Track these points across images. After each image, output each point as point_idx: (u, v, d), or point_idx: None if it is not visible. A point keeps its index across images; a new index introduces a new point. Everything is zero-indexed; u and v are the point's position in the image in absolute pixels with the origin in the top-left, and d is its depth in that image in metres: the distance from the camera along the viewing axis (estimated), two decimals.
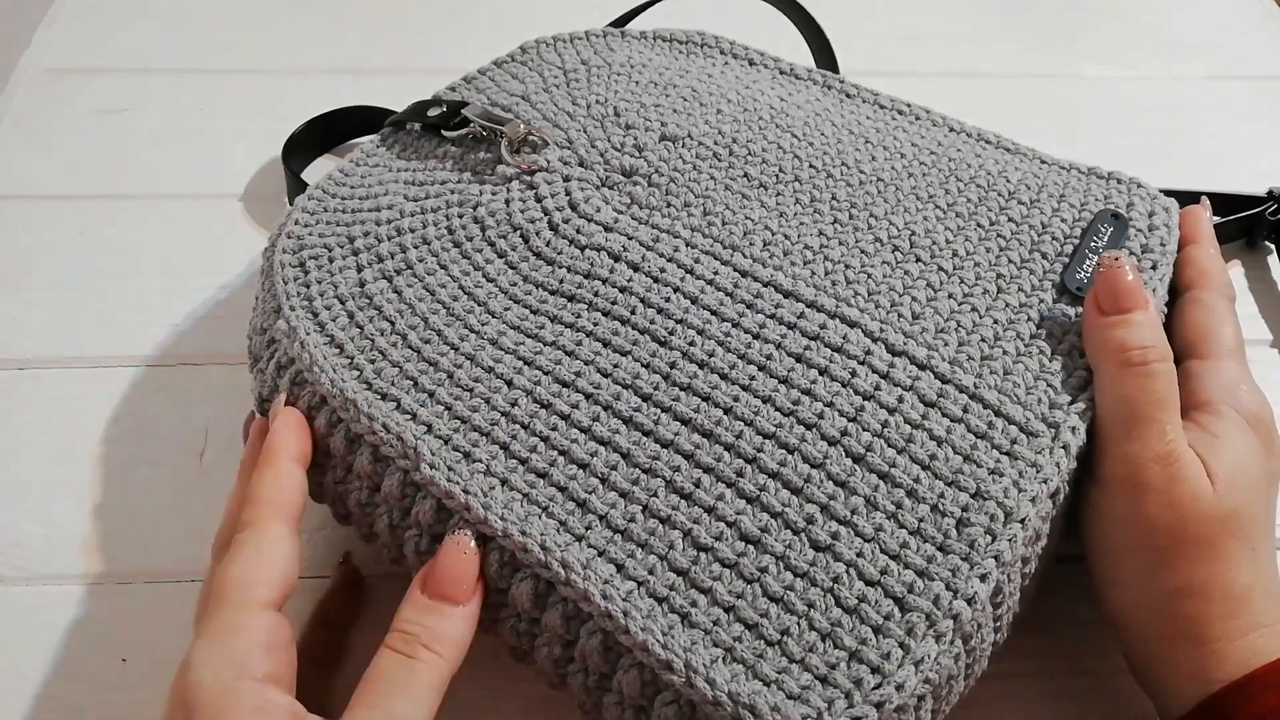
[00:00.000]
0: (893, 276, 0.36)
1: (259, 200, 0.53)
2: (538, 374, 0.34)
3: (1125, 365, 0.32)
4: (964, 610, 0.28)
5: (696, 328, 0.35)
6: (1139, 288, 0.34)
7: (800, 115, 0.43)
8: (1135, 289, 0.33)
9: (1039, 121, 0.58)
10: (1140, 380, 0.32)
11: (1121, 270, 0.34)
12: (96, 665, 0.36)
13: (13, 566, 0.39)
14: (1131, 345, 0.32)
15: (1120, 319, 0.33)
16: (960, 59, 0.63)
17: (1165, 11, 0.66)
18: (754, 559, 0.30)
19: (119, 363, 0.46)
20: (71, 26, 0.63)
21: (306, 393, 0.35)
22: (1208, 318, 0.36)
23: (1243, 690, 0.29)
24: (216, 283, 0.49)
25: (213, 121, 0.57)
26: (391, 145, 0.44)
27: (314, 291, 0.37)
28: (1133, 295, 0.33)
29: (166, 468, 0.42)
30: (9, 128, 0.56)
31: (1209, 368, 0.34)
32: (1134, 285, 0.34)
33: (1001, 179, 0.40)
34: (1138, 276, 0.34)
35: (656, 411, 0.33)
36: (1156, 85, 0.61)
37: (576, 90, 0.44)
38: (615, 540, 0.30)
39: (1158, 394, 0.32)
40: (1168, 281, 0.37)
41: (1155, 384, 0.32)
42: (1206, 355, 0.35)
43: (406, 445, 0.32)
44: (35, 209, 0.52)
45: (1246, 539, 0.31)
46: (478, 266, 0.37)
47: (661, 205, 0.39)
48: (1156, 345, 0.33)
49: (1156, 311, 0.34)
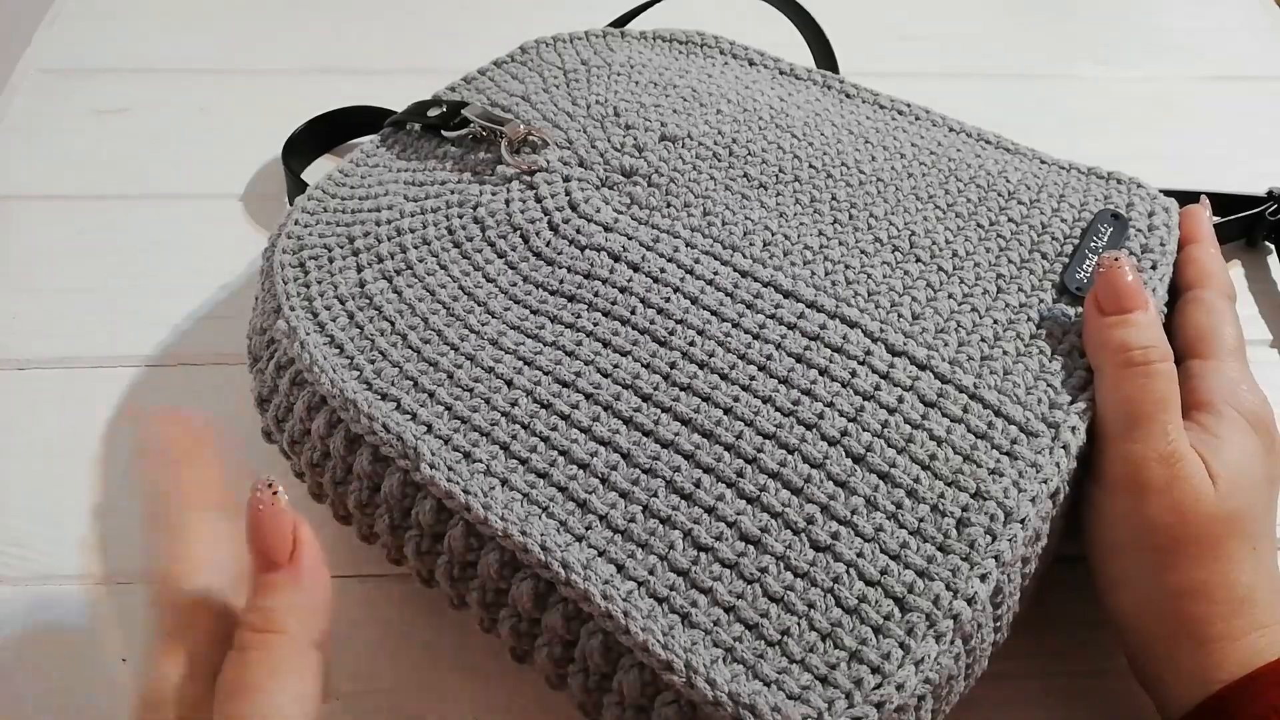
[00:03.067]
0: (893, 277, 0.36)
1: (259, 200, 0.53)
2: (538, 374, 0.34)
3: (1126, 365, 0.32)
4: (964, 610, 0.28)
5: (696, 328, 0.35)
6: (1139, 288, 0.34)
7: (800, 115, 0.43)
8: (1135, 289, 0.33)
9: (1039, 121, 0.58)
10: (1141, 380, 0.32)
11: (1121, 270, 0.34)
12: (96, 665, 0.36)
13: (13, 566, 0.39)
14: (1132, 345, 0.32)
15: (1121, 319, 0.33)
16: (960, 59, 0.63)
17: (1165, 11, 0.66)
18: (754, 559, 0.30)
19: (119, 363, 0.46)
20: (71, 26, 0.63)
21: (306, 393, 0.35)
22: (1208, 317, 0.36)
23: (1245, 690, 0.29)
24: (216, 283, 0.49)
25: (213, 121, 0.57)
26: (391, 145, 0.44)
27: (314, 292, 0.37)
28: (1133, 295, 0.33)
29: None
30: (9, 128, 0.56)
31: (1210, 368, 0.34)
32: (1134, 285, 0.34)
33: (1001, 179, 0.40)
34: (1138, 277, 0.34)
35: (656, 412, 0.33)
36: (1156, 85, 0.61)
37: (576, 90, 0.44)
38: (615, 540, 0.30)
39: (1159, 394, 0.32)
40: (1168, 281, 0.37)
41: (1156, 384, 0.32)
42: (1207, 355, 0.35)
43: (406, 445, 0.32)
44: (35, 209, 0.52)
45: (1248, 539, 0.31)
46: (478, 267, 0.37)
47: (661, 205, 0.39)
48: (1157, 345, 0.33)
49: (1156, 312, 0.34)
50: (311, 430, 0.35)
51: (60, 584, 0.39)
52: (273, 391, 0.36)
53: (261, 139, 0.55)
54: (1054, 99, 0.60)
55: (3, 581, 0.39)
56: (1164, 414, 0.32)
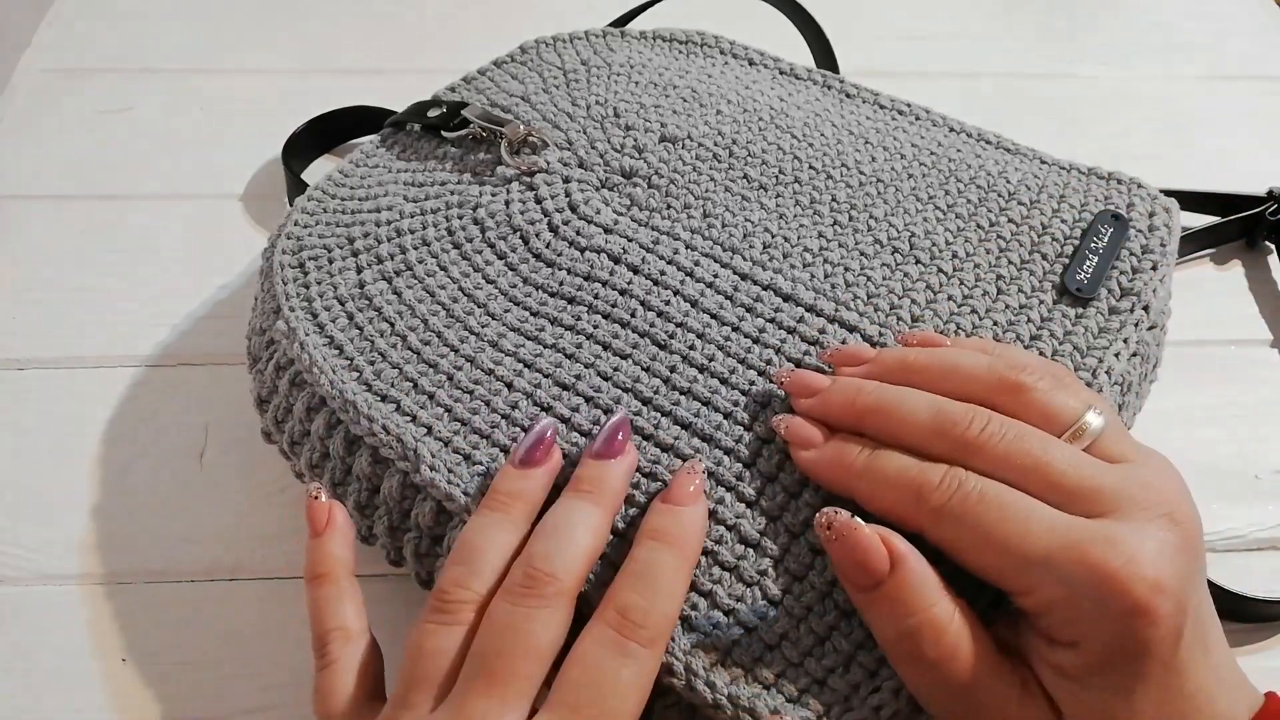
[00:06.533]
0: (892, 279, 0.36)
1: (259, 200, 0.53)
2: (538, 377, 0.34)
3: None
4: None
5: (696, 332, 0.35)
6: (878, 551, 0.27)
7: (800, 116, 0.43)
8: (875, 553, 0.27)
9: (1039, 121, 0.58)
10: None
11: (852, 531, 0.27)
12: (96, 665, 0.36)
13: (13, 566, 0.39)
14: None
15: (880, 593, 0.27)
16: (960, 59, 0.63)
17: (1165, 11, 0.66)
18: (753, 563, 0.30)
19: (119, 363, 0.46)
20: (71, 26, 0.63)
21: (305, 394, 0.35)
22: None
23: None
24: (216, 283, 0.49)
25: (213, 121, 0.57)
26: (391, 146, 0.44)
27: (313, 292, 0.37)
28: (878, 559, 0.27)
29: (166, 468, 0.42)
30: (9, 128, 0.56)
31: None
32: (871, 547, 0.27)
33: (1002, 180, 0.40)
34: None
35: (657, 415, 0.33)
36: (1156, 85, 0.61)
37: (576, 91, 0.44)
38: (615, 543, 0.30)
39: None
40: (1169, 282, 0.37)
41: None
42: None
43: (406, 447, 0.32)
44: (35, 209, 0.52)
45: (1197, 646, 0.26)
46: (478, 268, 0.37)
47: (661, 207, 0.39)
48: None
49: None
50: (311, 431, 0.35)
51: (60, 584, 0.39)
52: (272, 392, 0.36)
53: (261, 139, 0.55)
54: (1054, 99, 0.60)
55: (3, 581, 0.39)
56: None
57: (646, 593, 0.27)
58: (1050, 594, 0.25)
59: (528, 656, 0.26)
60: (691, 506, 0.29)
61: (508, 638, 0.26)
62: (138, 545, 0.40)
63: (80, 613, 0.38)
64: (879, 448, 0.29)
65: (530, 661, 0.26)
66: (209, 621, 0.38)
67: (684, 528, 0.29)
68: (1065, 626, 0.26)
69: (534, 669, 0.26)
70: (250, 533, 0.40)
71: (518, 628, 0.26)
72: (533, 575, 0.27)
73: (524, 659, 0.26)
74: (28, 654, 0.37)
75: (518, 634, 0.26)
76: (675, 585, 0.28)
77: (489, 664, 0.26)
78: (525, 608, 0.26)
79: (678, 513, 0.29)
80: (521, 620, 0.26)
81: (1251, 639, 0.38)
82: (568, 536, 0.28)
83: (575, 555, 0.28)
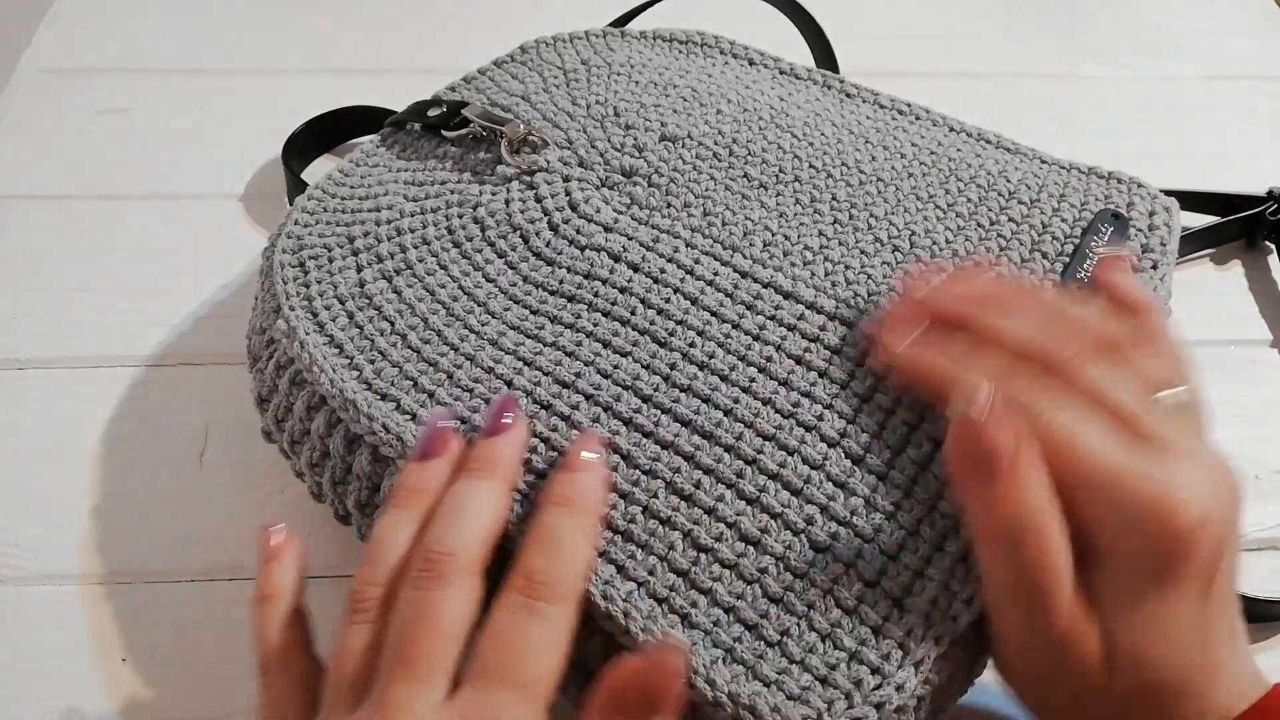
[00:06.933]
0: (893, 277, 0.36)
1: (259, 200, 0.53)
2: (538, 375, 0.34)
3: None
4: (963, 612, 0.29)
5: (697, 329, 0.35)
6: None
7: (800, 115, 0.43)
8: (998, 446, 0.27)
9: (1039, 121, 0.58)
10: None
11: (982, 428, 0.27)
12: (96, 665, 0.36)
13: (13, 566, 0.39)
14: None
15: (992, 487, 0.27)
16: (960, 59, 0.63)
17: (1165, 11, 0.66)
18: (754, 560, 0.30)
19: (119, 363, 0.46)
20: (71, 26, 0.63)
21: (306, 393, 0.35)
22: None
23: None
24: (216, 283, 0.49)
25: (213, 121, 0.57)
26: (391, 145, 0.44)
27: (314, 292, 0.37)
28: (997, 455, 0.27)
29: (166, 468, 0.42)
30: (9, 128, 0.56)
31: None
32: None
33: (1001, 179, 0.40)
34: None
35: (657, 413, 0.33)
36: (1156, 85, 0.61)
37: (576, 90, 0.44)
38: (616, 541, 0.30)
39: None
40: (1169, 281, 0.37)
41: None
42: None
43: (406, 446, 0.32)
44: (35, 209, 0.52)
45: (1171, 696, 0.28)
46: (478, 267, 0.37)
47: (661, 206, 0.39)
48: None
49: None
50: (311, 430, 0.35)
51: (60, 584, 0.39)
52: (272, 391, 0.36)
53: (261, 139, 0.55)
54: (1054, 99, 0.60)
55: (3, 581, 0.39)
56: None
57: (549, 553, 0.28)
58: (1102, 513, 0.27)
59: (439, 637, 0.27)
60: (585, 471, 0.30)
61: (416, 623, 0.27)
62: (138, 545, 0.40)
63: (80, 613, 0.38)
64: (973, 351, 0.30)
65: (442, 641, 0.27)
66: (209, 621, 0.38)
67: (581, 492, 0.30)
68: (1117, 541, 0.27)
69: (447, 647, 0.27)
70: (250, 533, 0.39)
71: (424, 611, 0.27)
72: (430, 559, 0.28)
73: (435, 639, 0.26)
74: (28, 654, 0.37)
75: (425, 617, 0.27)
76: (578, 545, 0.29)
77: (402, 651, 0.26)
78: (428, 590, 0.27)
79: (574, 478, 0.30)
80: (426, 604, 0.27)
81: (1251, 639, 0.38)
82: (461, 514, 0.29)
83: (471, 531, 0.29)
